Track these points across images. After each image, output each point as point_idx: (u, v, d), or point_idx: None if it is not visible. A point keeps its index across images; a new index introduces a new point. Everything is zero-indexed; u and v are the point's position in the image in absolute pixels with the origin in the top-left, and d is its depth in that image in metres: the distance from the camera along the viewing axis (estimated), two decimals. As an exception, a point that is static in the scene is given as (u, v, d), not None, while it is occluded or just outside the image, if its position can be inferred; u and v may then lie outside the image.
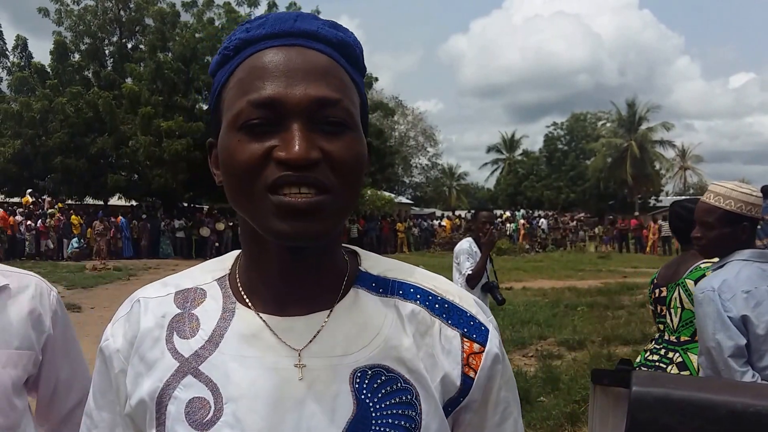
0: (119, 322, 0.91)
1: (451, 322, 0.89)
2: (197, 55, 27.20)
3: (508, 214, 35.63)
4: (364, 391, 0.81)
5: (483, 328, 0.90)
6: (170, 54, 27.23)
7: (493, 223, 5.59)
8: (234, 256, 0.95)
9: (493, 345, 0.89)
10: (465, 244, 5.53)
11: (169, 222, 24.81)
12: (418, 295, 0.90)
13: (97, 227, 21.99)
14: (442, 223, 33.07)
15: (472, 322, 0.89)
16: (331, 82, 0.79)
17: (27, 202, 24.35)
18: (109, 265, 18.84)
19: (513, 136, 63.42)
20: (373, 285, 0.90)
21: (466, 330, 0.88)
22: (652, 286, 3.39)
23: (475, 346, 0.88)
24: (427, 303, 0.90)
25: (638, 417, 1.34)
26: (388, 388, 0.82)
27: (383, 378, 0.83)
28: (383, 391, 0.82)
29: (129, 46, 29.84)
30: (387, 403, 0.81)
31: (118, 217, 23.96)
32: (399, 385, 0.83)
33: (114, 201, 28.88)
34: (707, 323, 2.43)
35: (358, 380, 0.82)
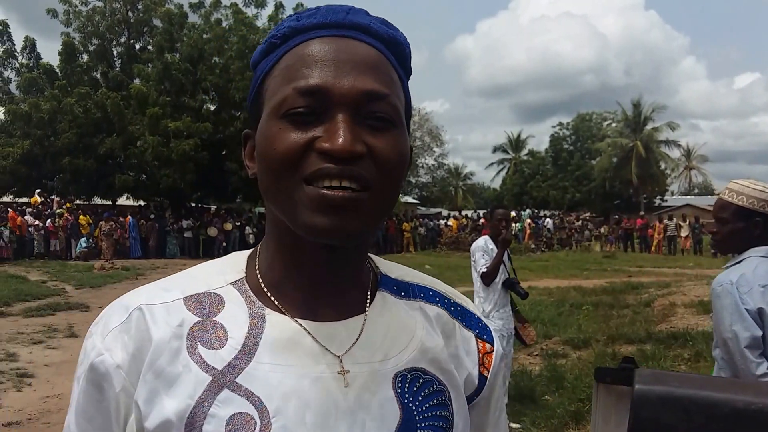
0: (113, 334, 0.78)
1: (465, 324, 0.92)
2: (205, 56, 27.25)
3: (513, 213, 35.49)
4: (407, 395, 0.80)
5: (488, 329, 0.95)
6: (178, 55, 27.26)
7: (508, 221, 5.64)
8: (245, 257, 0.88)
9: (499, 345, 0.94)
10: (481, 242, 5.59)
11: (175, 222, 24.81)
12: (437, 299, 0.93)
13: (103, 227, 22.04)
14: (448, 223, 32.97)
15: (480, 324, 0.94)
16: (379, 76, 0.77)
17: (36, 202, 24.43)
18: (117, 264, 18.90)
19: (519, 136, 63.15)
20: (395, 288, 0.90)
21: (478, 331, 0.93)
22: None
23: (487, 346, 0.92)
24: (446, 306, 0.92)
25: (641, 415, 1.37)
26: (427, 390, 0.82)
27: (421, 380, 0.82)
28: (423, 393, 0.82)
29: (137, 47, 29.93)
30: (427, 405, 0.81)
31: (127, 216, 24.00)
32: (435, 386, 0.83)
33: (122, 201, 28.92)
34: (724, 315, 2.50)
35: (400, 384, 0.80)
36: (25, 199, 26.08)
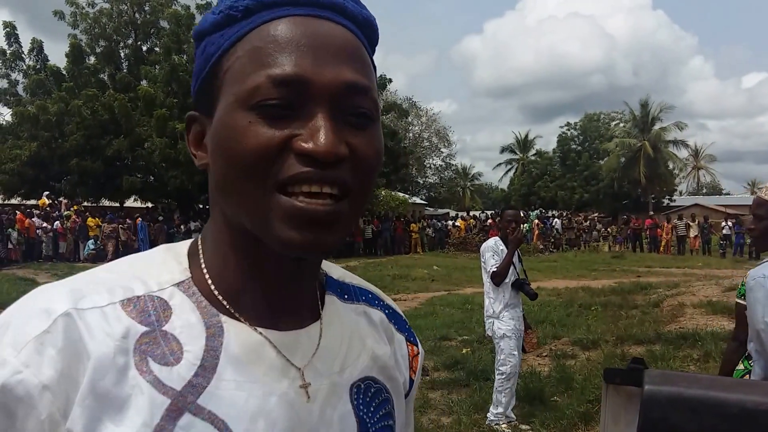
0: (33, 346, 0.61)
1: (398, 327, 0.90)
2: (211, 57, 27.29)
3: (521, 214, 35.40)
4: (361, 407, 0.76)
5: (412, 330, 0.93)
6: (185, 56, 27.32)
7: (519, 222, 5.64)
8: (184, 253, 0.76)
9: (421, 346, 0.93)
10: (491, 242, 5.59)
11: (180, 224, 24.84)
12: (376, 302, 0.88)
13: (106, 229, 22.08)
14: (456, 224, 32.98)
15: (406, 326, 0.92)
16: (360, 66, 0.68)
17: (44, 204, 24.55)
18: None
19: (527, 136, 63.24)
20: (339, 290, 0.84)
21: (406, 334, 0.91)
22: None
23: (415, 349, 0.91)
24: (383, 309, 0.89)
25: (650, 416, 1.35)
26: (377, 400, 0.79)
27: (372, 390, 0.79)
28: (374, 403, 0.78)
29: (144, 48, 30.06)
30: (378, 415, 0.78)
31: (137, 218, 24.05)
32: (383, 395, 0.80)
33: (130, 203, 29.04)
34: (757, 308, 2.53)
35: (356, 396, 0.76)
36: (33, 202, 26.20)
